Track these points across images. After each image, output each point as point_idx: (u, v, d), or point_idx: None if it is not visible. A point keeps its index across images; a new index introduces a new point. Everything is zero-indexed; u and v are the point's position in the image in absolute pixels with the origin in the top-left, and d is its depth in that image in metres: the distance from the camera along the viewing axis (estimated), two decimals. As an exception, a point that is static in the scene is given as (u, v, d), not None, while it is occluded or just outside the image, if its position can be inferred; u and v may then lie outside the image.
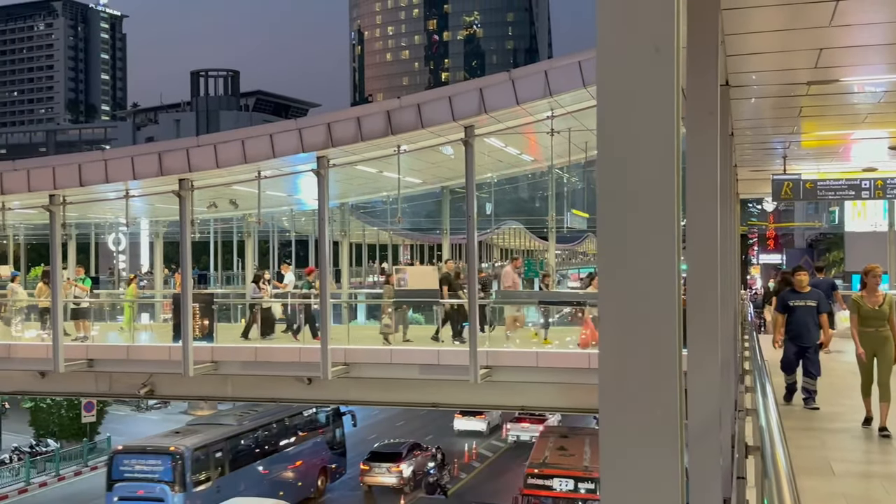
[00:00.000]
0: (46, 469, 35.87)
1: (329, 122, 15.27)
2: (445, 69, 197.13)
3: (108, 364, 17.86)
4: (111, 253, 41.45)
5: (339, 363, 16.08)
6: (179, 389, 18.48)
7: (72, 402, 37.71)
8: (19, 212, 21.63)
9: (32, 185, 17.01)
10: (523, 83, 13.83)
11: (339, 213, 30.52)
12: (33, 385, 18.71)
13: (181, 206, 16.78)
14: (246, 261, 30.82)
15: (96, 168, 16.61)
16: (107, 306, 23.84)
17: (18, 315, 19.56)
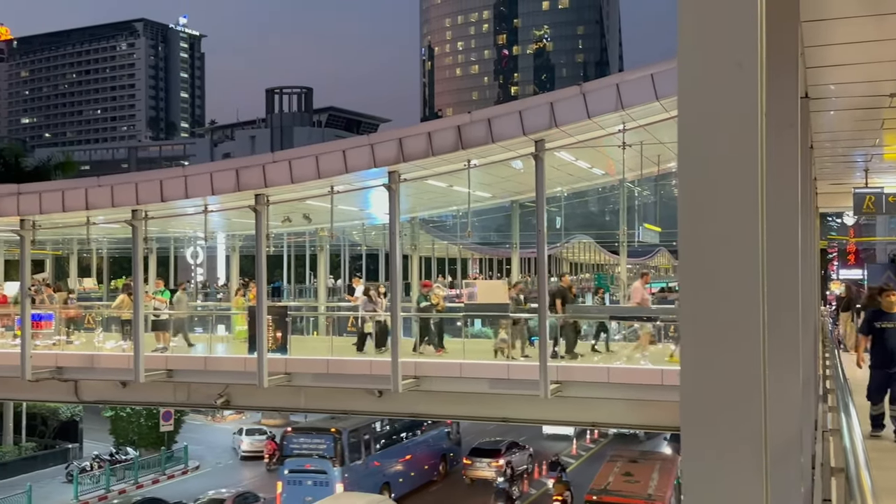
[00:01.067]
0: (125, 477, 36.91)
1: (400, 137, 15.42)
2: (515, 83, 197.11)
3: (186, 374, 18.33)
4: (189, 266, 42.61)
5: (409, 376, 16.17)
6: (254, 400, 18.82)
7: (150, 412, 38.74)
8: (103, 226, 22.38)
9: (116, 200, 17.61)
10: (594, 97, 13.74)
11: (409, 227, 30.76)
12: (115, 394, 19.33)
13: (257, 220, 17.15)
14: (318, 274, 31.28)
15: (177, 184, 17.12)
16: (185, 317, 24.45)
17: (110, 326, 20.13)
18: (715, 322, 1.50)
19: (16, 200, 18.45)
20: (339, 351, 18.27)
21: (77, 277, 31.30)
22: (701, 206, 1.52)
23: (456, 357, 16.79)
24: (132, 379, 17.78)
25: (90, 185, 18.02)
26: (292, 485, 27.47)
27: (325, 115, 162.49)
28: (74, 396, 19.75)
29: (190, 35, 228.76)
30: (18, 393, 21.59)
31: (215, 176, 17.01)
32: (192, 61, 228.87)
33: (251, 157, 18.22)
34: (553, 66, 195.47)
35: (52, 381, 18.99)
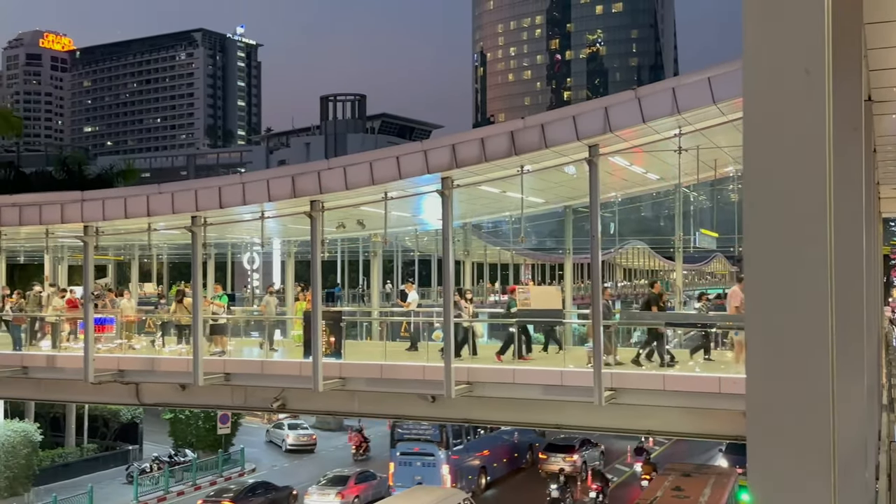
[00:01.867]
0: (184, 478, 37.60)
1: (453, 143, 15.46)
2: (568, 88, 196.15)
3: (243, 378, 18.62)
4: (246, 271, 43.32)
5: (462, 382, 16.18)
6: (309, 404, 19.03)
7: (208, 414, 39.41)
8: (163, 232, 22.89)
9: (176, 207, 17.98)
10: (650, 101, 13.60)
11: (461, 232, 30.80)
12: (174, 397, 19.72)
13: (312, 226, 17.36)
14: (372, 279, 31.50)
15: (235, 190, 17.42)
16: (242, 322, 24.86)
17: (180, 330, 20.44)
18: (782, 330, 1.48)
19: (80, 207, 18.97)
20: (393, 356, 18.37)
21: (138, 282, 32.03)
22: (767, 212, 1.50)
23: (508, 363, 16.76)
24: (191, 382, 18.12)
25: (151, 192, 18.44)
26: (403, 465, 31.94)
27: (378, 122, 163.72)
28: (135, 399, 20.20)
29: (247, 44, 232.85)
30: (81, 395, 22.18)
31: (272, 183, 17.27)
32: (248, 70, 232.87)
33: (307, 164, 18.44)
34: (606, 71, 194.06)
35: (114, 383, 19.47)
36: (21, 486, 32.68)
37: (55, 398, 25.86)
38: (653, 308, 16.31)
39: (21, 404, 37.00)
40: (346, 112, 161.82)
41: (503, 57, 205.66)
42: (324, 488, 32.13)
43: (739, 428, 14.67)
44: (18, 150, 74.29)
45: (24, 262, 36.74)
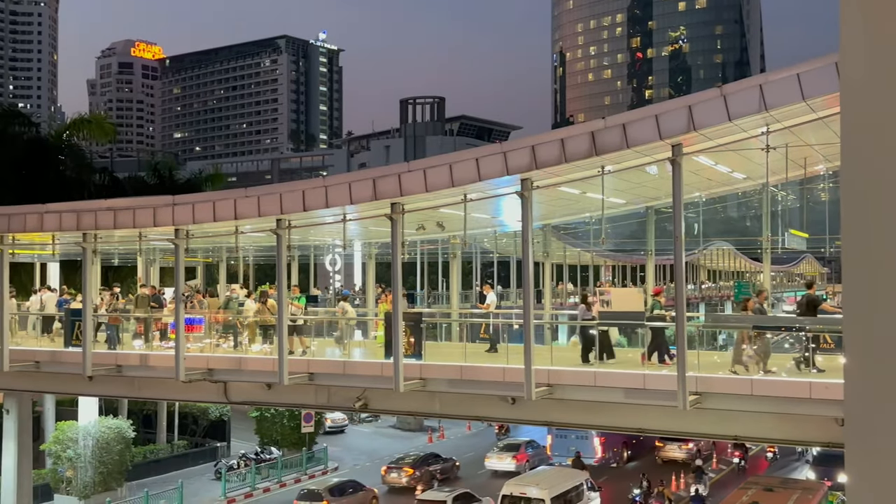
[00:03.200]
0: (269, 476, 38.45)
1: (533, 144, 15.38)
2: (649, 87, 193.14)
3: (326, 378, 18.93)
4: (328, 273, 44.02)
5: (542, 384, 16.09)
6: (390, 404, 19.21)
7: (293, 413, 40.22)
8: (249, 235, 23.46)
9: (262, 210, 18.42)
10: (736, 98, 13.27)
11: (541, 234, 30.62)
12: (260, 396, 20.20)
13: (393, 228, 17.53)
14: (451, 281, 31.61)
15: (317, 194, 17.74)
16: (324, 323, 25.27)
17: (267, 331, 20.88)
18: (883, 333, 1.44)
19: (171, 211, 19.61)
20: (472, 357, 18.40)
21: (225, 284, 32.90)
22: (866, 211, 1.46)
23: (589, 365, 16.58)
24: (276, 381, 18.54)
25: (238, 196, 18.92)
26: (560, 438, 37.16)
27: (457, 124, 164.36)
28: (224, 397, 20.75)
29: (329, 50, 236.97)
30: (173, 393, 22.91)
31: (353, 185, 17.51)
32: (330, 75, 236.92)
33: (387, 167, 18.63)
34: (689, 68, 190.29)
35: (203, 382, 20.05)
36: (114, 480, 33.92)
37: (148, 396, 26.77)
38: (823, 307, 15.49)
39: (115, 402, 38.45)
40: (426, 115, 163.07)
41: (583, 56, 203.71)
42: (501, 453, 38.61)
43: (831, 434, 14.19)
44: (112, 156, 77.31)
45: (118, 264, 38.17)
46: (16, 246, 24.27)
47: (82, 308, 21.37)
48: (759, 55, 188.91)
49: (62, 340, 22.37)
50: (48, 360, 22.38)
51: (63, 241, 24.22)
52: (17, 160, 37.53)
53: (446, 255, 34.68)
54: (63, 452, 32.84)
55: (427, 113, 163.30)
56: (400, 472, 36.26)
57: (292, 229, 19.36)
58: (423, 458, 37.35)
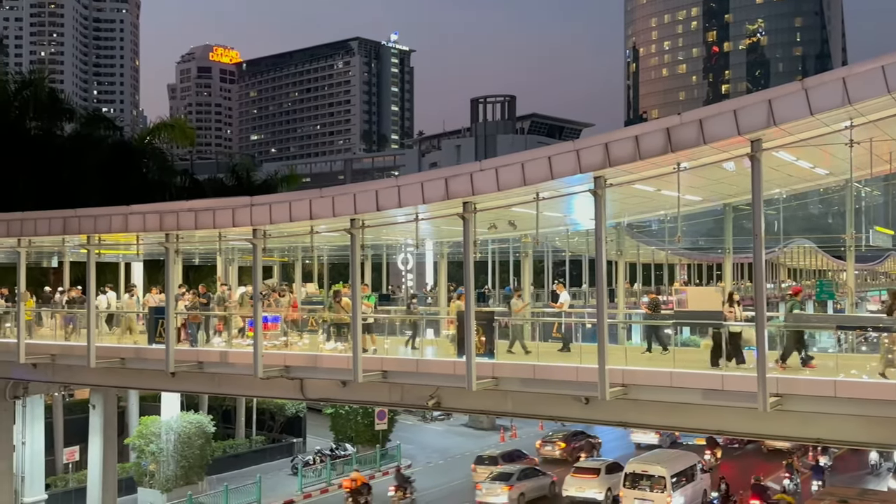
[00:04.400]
0: (344, 471, 38.99)
1: (606, 142, 15.20)
2: (726, 81, 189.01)
3: (399, 376, 19.10)
4: (400, 272, 44.42)
5: (616, 384, 15.92)
6: (463, 403, 19.26)
7: (366, 410, 40.73)
8: (324, 234, 23.82)
9: (336, 210, 18.65)
10: (818, 92, 12.87)
11: (614, 232, 30.28)
12: (336, 393, 20.48)
13: (465, 227, 17.56)
14: (523, 280, 31.53)
15: (390, 193, 17.89)
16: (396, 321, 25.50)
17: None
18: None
19: (249, 211, 20.04)
20: (545, 357, 18.32)
21: (301, 283, 33.48)
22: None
23: (665, 365, 16.33)
24: (351, 379, 18.79)
25: (313, 197, 19.21)
26: None
27: (528, 122, 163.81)
28: (300, 394, 21.13)
29: (400, 50, 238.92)
30: (251, 390, 23.44)
31: (426, 185, 17.60)
32: (402, 75, 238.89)
33: (459, 166, 18.65)
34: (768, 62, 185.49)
35: (281, 379, 20.46)
36: (195, 474, 34.89)
37: (227, 392, 27.47)
38: None
39: (196, 397, 39.56)
40: (496, 113, 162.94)
41: (657, 51, 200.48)
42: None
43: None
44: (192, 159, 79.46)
45: (198, 263, 39.24)
46: (102, 246, 25.16)
47: (165, 306, 22.03)
48: (840, 48, 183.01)
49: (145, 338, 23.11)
50: (132, 356, 23.15)
51: (146, 242, 25.00)
52: (103, 163, 38.90)
53: (517, 254, 34.57)
54: (146, 446, 33.93)
55: (498, 111, 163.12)
56: (553, 445, 42.35)
57: (365, 229, 19.59)
58: (571, 435, 43.00)
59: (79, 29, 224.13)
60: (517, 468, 35.89)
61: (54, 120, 40.62)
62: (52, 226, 23.47)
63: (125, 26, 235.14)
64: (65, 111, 41.19)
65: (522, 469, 36.07)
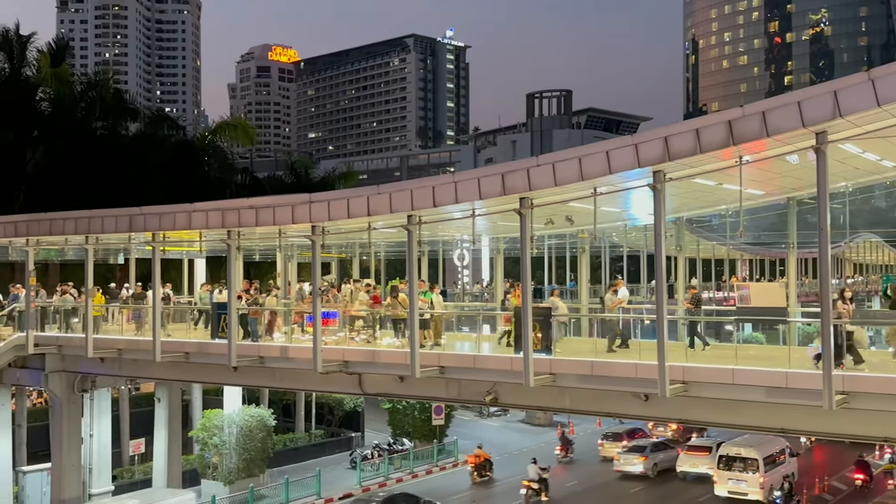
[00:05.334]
0: (402, 466, 39.26)
1: (665, 135, 14.99)
2: (788, 72, 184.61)
3: (456, 371, 19.15)
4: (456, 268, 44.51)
5: (676, 381, 15.71)
6: (520, 399, 19.23)
7: (423, 406, 40.91)
8: (381, 231, 23.99)
9: (394, 206, 18.78)
10: (885, 82, 12.49)
11: (674, 227, 29.86)
12: (393, 388, 20.64)
13: (522, 223, 17.52)
14: (580, 276, 31.32)
15: (447, 189, 17.94)
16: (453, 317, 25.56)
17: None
18: None
19: (308, 208, 20.31)
20: (603, 353, 18.17)
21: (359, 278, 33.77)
22: None
23: (728, 362, 16.05)
24: (409, 374, 18.91)
25: (371, 193, 19.38)
26: None
27: (584, 117, 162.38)
28: (359, 389, 21.34)
29: (456, 47, 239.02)
30: (311, 384, 23.77)
31: (482, 181, 17.59)
32: (457, 71, 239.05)
33: (516, 162, 18.59)
34: (832, 52, 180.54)
35: (340, 374, 20.71)
36: (257, 467, 35.47)
37: (287, 386, 27.86)
38: None
39: (257, 392, 40.25)
40: (552, 108, 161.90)
41: (717, 43, 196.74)
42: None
43: None
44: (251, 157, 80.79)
45: (258, 259, 39.90)
46: (166, 243, 25.76)
47: (227, 302, 22.45)
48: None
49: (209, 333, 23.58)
50: (196, 351, 23.66)
51: (209, 239, 25.51)
52: (166, 162, 39.82)
53: (574, 250, 34.32)
54: (209, 439, 34.62)
55: (554, 106, 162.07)
56: (665, 426, 43.79)
57: (422, 225, 19.66)
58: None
59: (142, 30, 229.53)
60: (649, 442, 40.83)
61: (119, 120, 41.70)
62: (118, 223, 24.13)
63: (186, 27, 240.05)
64: (129, 111, 42.25)
65: (654, 442, 40.68)
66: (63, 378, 27.27)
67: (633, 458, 38.72)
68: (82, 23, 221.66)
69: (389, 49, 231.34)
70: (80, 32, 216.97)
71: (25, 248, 27.30)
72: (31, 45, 39.28)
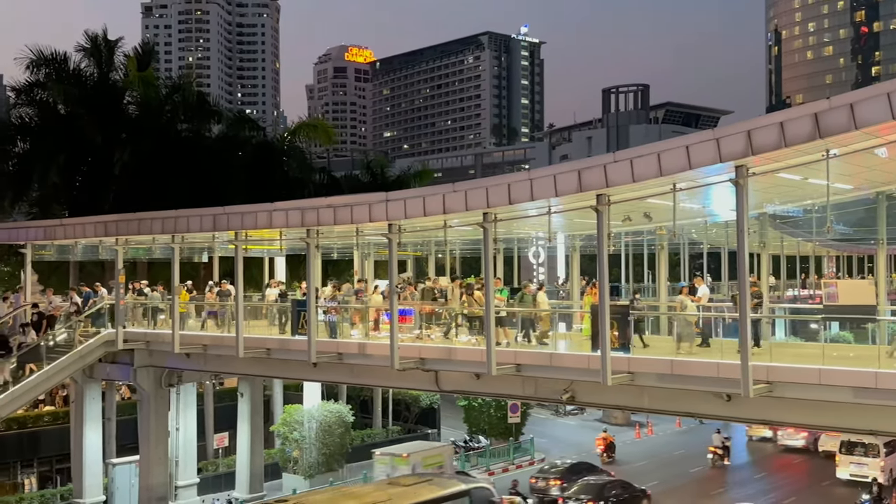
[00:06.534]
0: (478, 464, 39.32)
1: (748, 129, 14.64)
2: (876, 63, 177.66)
3: (533, 369, 19.10)
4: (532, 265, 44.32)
5: (760, 381, 15.35)
6: (597, 397, 19.07)
7: (499, 403, 40.89)
8: (456, 228, 24.09)
9: (469, 204, 18.83)
10: (984, 70, 11.97)
11: (756, 223, 29.08)
12: (469, 385, 20.71)
13: (598, 220, 17.36)
14: (659, 273, 30.81)
15: (523, 187, 17.88)
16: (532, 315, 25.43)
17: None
18: None
19: (385, 207, 20.52)
20: (683, 352, 17.86)
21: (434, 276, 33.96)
22: None
23: (813, 362, 15.59)
24: (485, 371, 18.95)
25: (447, 191, 19.46)
26: None
27: (662, 111, 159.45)
28: (435, 386, 21.48)
29: (530, 43, 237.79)
30: (388, 381, 24.01)
31: (558, 178, 17.48)
32: (531, 68, 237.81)
33: (592, 158, 18.42)
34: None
35: (416, 371, 20.88)
36: (336, 462, 36.04)
37: (365, 382, 28.22)
38: None
39: (335, 387, 40.86)
40: (629, 103, 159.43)
41: (800, 34, 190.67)
42: None
43: None
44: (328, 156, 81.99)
45: (336, 258, 40.49)
46: (248, 242, 26.39)
47: (306, 299, 22.87)
48: None
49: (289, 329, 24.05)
50: (277, 347, 24.19)
51: (288, 237, 26.03)
52: (247, 162, 40.76)
53: (652, 247, 33.77)
54: (290, 434, 35.33)
55: (630, 101, 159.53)
56: None
57: (497, 222, 19.65)
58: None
59: (223, 34, 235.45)
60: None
61: (203, 122, 42.81)
62: (203, 223, 24.83)
63: (266, 30, 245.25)
64: (212, 113, 43.34)
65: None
66: (151, 373, 28.21)
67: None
68: (166, 28, 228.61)
69: (464, 47, 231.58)
70: (165, 37, 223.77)
71: (115, 248, 28.31)
72: (119, 50, 40.62)
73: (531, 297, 21.39)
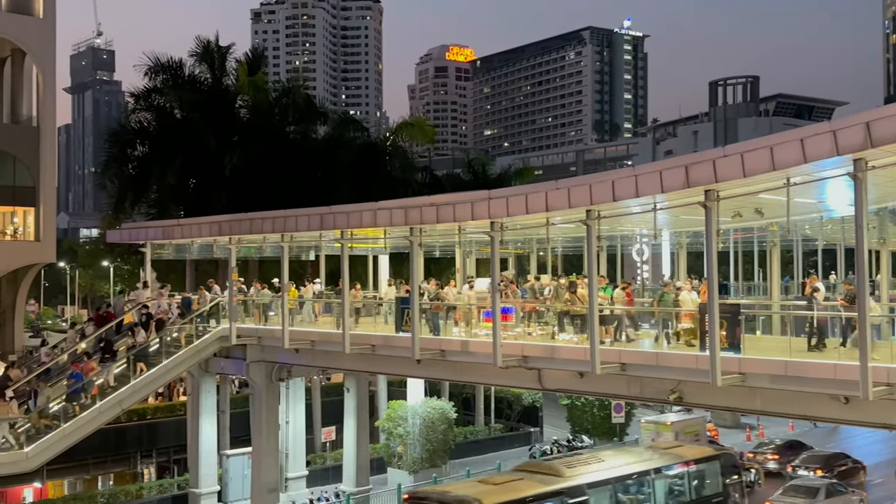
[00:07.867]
0: (581, 462, 38.84)
1: (867, 120, 14.00)
2: None
3: (638, 369, 18.79)
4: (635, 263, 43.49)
5: (880, 383, 14.66)
6: (706, 398, 18.60)
7: (603, 403, 40.36)
8: (559, 226, 23.93)
9: (572, 201, 18.65)
10: None
11: (876, 218, 27.73)
12: (573, 384, 20.54)
13: (707, 216, 16.93)
14: (771, 271, 29.78)
15: (627, 183, 17.60)
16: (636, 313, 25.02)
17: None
18: None
19: (487, 205, 20.56)
20: (797, 353, 17.21)
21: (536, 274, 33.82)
22: None
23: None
24: (589, 370, 18.76)
25: (549, 189, 19.34)
26: None
27: (773, 104, 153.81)
28: (538, 384, 21.40)
29: (633, 37, 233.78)
30: (491, 378, 24.07)
31: (664, 174, 17.12)
32: (634, 62, 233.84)
33: (700, 153, 17.94)
34: None
35: (519, 368, 20.85)
36: (439, 458, 36.38)
37: (468, 379, 28.39)
38: None
39: (438, 384, 41.26)
40: (737, 96, 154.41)
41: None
42: None
43: None
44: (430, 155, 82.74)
45: (438, 256, 40.83)
46: (353, 240, 26.93)
47: (410, 297, 23.16)
48: None
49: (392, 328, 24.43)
50: (381, 344, 24.60)
51: (392, 236, 26.42)
52: (352, 162, 41.56)
53: (762, 244, 32.65)
54: (395, 429, 35.88)
55: (739, 94, 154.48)
56: None
57: (601, 220, 19.41)
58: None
59: (328, 38, 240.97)
60: None
61: (310, 124, 43.92)
62: (310, 222, 25.50)
63: (369, 32, 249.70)
64: (319, 115, 44.40)
65: None
66: (262, 367, 29.17)
67: None
68: (274, 32, 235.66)
69: (565, 43, 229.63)
70: (273, 41, 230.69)
71: (228, 246, 29.39)
72: (230, 55, 42.12)
73: (671, 297, 20.51)
